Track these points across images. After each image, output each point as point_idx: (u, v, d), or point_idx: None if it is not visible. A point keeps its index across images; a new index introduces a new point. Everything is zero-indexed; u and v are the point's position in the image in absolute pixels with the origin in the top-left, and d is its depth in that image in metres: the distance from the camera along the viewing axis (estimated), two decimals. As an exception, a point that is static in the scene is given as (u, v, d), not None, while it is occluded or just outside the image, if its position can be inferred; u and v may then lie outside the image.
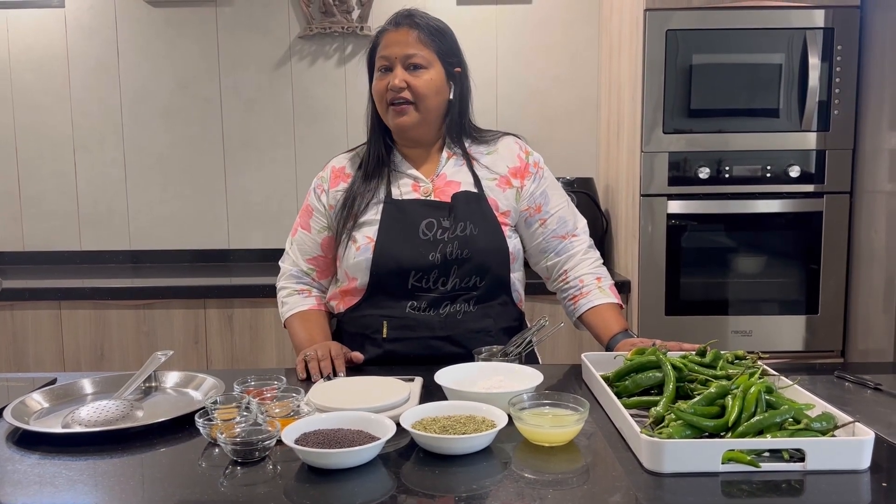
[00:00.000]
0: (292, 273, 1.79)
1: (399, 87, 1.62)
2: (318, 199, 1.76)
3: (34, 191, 3.28)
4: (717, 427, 1.13)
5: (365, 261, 1.64)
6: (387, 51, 1.64)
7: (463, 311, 1.65)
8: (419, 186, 1.69)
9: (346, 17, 3.16)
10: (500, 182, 1.70)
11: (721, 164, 2.62)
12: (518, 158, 1.74)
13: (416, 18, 1.66)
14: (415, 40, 1.64)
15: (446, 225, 1.64)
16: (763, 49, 2.58)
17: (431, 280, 1.63)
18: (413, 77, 1.63)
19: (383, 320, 1.64)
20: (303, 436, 1.14)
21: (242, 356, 2.80)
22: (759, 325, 2.67)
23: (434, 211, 1.65)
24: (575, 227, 1.77)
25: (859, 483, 1.05)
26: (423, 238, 1.63)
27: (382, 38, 1.67)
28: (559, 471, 1.10)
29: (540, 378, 1.37)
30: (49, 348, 2.79)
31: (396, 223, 1.65)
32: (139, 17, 3.20)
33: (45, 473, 1.11)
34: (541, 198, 1.73)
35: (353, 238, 1.66)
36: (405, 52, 1.63)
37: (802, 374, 1.55)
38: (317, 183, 1.78)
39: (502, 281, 1.69)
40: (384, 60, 1.65)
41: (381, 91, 1.65)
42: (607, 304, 1.71)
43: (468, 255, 1.62)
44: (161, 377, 1.52)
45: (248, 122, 3.26)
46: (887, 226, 2.45)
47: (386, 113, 1.67)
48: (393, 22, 1.66)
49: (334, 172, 1.76)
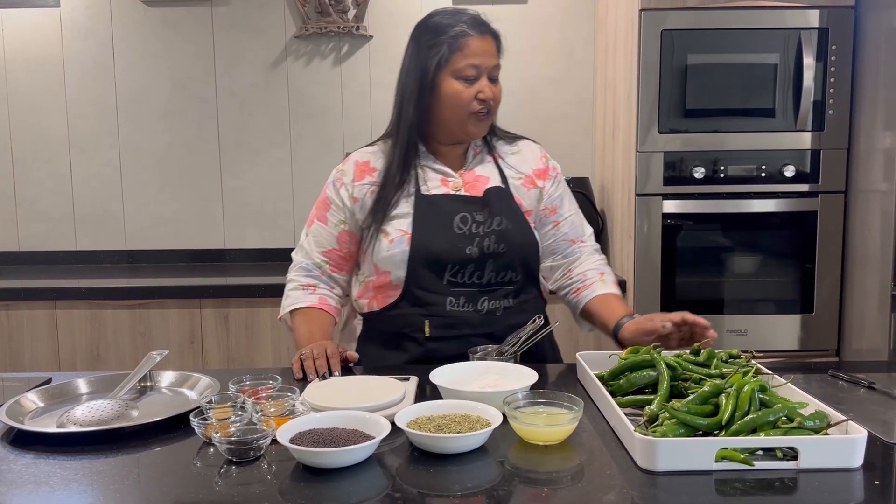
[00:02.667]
0: (303, 266, 1.78)
1: (491, 97, 1.64)
2: (336, 192, 1.75)
3: (30, 191, 3.28)
4: (710, 425, 1.14)
5: (400, 253, 1.63)
6: (477, 59, 1.62)
7: (503, 307, 1.66)
8: (448, 181, 1.70)
9: (341, 16, 3.16)
10: (524, 182, 1.74)
11: (716, 164, 2.63)
12: (541, 161, 1.79)
13: (493, 28, 1.68)
14: (496, 50, 1.67)
15: (480, 219, 1.65)
16: (758, 49, 2.58)
17: (467, 274, 1.64)
18: (494, 87, 1.66)
19: (425, 319, 1.64)
20: (298, 435, 1.14)
21: (238, 356, 2.80)
22: (754, 324, 2.67)
23: (466, 205, 1.66)
24: (583, 233, 1.82)
25: (852, 481, 1.06)
26: (459, 232, 1.64)
27: (467, 42, 1.62)
28: (554, 469, 1.10)
29: (534, 377, 1.37)
30: (44, 348, 2.79)
31: (430, 217, 1.65)
32: (135, 16, 3.20)
33: (40, 473, 1.11)
34: (557, 200, 1.78)
35: (385, 231, 1.65)
36: (493, 63, 1.65)
37: (797, 372, 1.55)
38: (336, 176, 1.77)
39: (533, 275, 1.73)
40: (474, 69, 1.62)
41: (468, 100, 1.63)
42: (611, 293, 1.74)
43: (504, 248, 1.65)
44: (156, 377, 1.52)
45: (244, 122, 3.26)
46: (882, 225, 2.45)
47: (466, 120, 1.65)
48: (478, 28, 1.65)
49: (358, 166, 1.74)
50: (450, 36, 1.62)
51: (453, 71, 1.62)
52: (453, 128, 1.67)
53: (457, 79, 1.63)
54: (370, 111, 3.25)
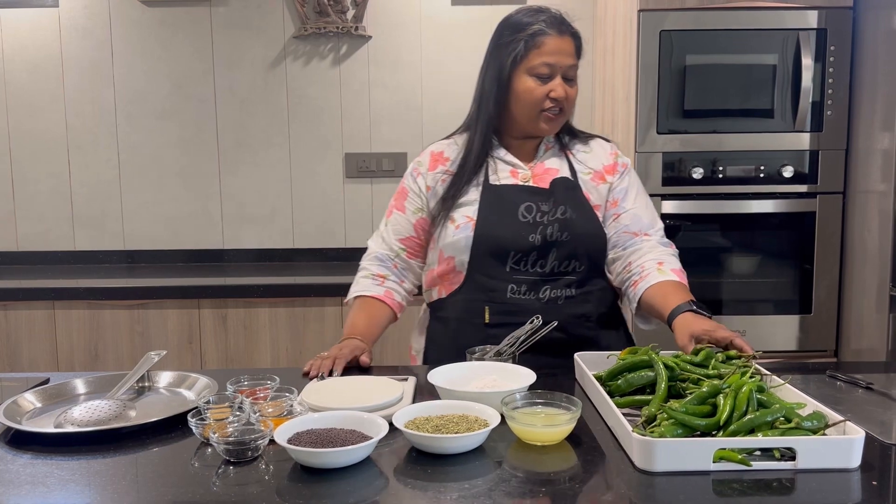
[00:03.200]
0: (377, 255, 1.79)
1: (564, 97, 1.66)
2: (414, 181, 1.78)
3: (28, 191, 3.27)
4: (708, 426, 1.14)
5: (464, 238, 1.67)
6: (552, 58, 1.64)
7: (564, 296, 1.67)
8: (518, 173, 1.73)
9: (340, 17, 3.16)
10: (594, 177, 1.75)
11: (715, 165, 2.63)
12: (610, 156, 1.80)
13: (573, 28, 1.70)
14: (574, 51, 1.69)
15: (545, 209, 1.67)
16: (757, 50, 2.59)
17: (530, 262, 1.65)
18: (569, 87, 1.68)
19: (485, 305, 1.66)
20: (295, 435, 1.14)
21: (236, 356, 2.79)
22: (752, 324, 2.67)
23: (532, 196, 1.69)
24: (651, 226, 1.76)
25: (850, 481, 1.06)
26: (523, 220, 1.66)
27: (544, 41, 1.65)
28: (551, 470, 1.10)
29: (532, 378, 1.37)
30: (43, 348, 2.79)
31: (495, 205, 1.68)
32: (133, 16, 3.20)
33: (38, 473, 1.11)
34: (620, 193, 1.76)
35: (452, 218, 1.69)
36: (569, 63, 1.67)
37: (795, 373, 1.55)
38: (413, 167, 1.81)
39: (598, 266, 1.73)
40: (547, 68, 1.65)
41: (540, 97, 1.65)
42: (667, 280, 1.63)
43: (567, 237, 1.66)
44: (154, 377, 1.52)
45: (243, 122, 3.26)
46: (880, 226, 2.45)
47: (536, 118, 1.68)
48: (557, 27, 1.66)
49: (433, 156, 1.79)
50: (527, 34, 1.66)
51: (528, 68, 1.66)
52: (524, 124, 1.70)
53: (531, 76, 1.66)
54: (369, 111, 3.25)
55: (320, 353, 1.58)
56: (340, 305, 2.77)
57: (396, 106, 3.25)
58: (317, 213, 3.30)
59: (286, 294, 2.77)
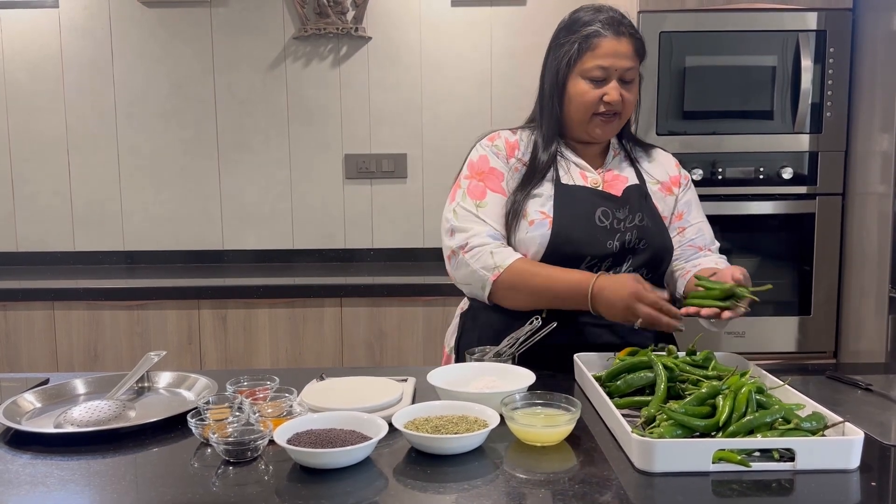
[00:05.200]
0: (490, 234, 1.62)
1: (618, 101, 1.60)
2: (505, 162, 1.67)
3: (28, 191, 3.28)
4: (707, 427, 1.14)
5: (541, 236, 1.59)
6: (607, 61, 1.59)
7: None
8: (587, 177, 1.68)
9: (340, 18, 3.16)
10: (661, 188, 1.72)
11: (715, 166, 2.63)
12: (675, 168, 1.77)
13: (632, 29, 1.63)
14: (632, 53, 1.62)
15: (620, 216, 1.63)
16: (756, 51, 2.59)
17: (604, 268, 1.59)
18: (625, 91, 1.62)
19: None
20: (295, 436, 1.14)
21: (236, 357, 2.79)
22: (752, 326, 2.68)
23: (606, 201, 1.64)
24: (713, 242, 1.77)
25: (849, 482, 1.06)
26: (601, 225, 1.61)
27: (600, 42, 1.59)
28: (551, 470, 1.10)
29: (532, 378, 1.38)
30: (42, 349, 2.79)
31: (571, 206, 1.62)
32: (133, 17, 3.20)
33: (37, 473, 1.11)
34: (685, 206, 1.74)
35: (525, 212, 1.61)
36: (625, 66, 1.60)
37: (794, 374, 1.56)
38: (494, 150, 1.69)
39: (661, 277, 1.70)
40: (602, 71, 1.59)
41: (592, 100, 1.61)
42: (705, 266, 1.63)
43: (645, 245, 1.62)
44: (154, 377, 1.52)
45: (243, 123, 3.26)
46: (879, 227, 2.46)
47: (588, 121, 1.63)
48: (613, 29, 1.60)
49: (508, 144, 1.70)
50: (582, 35, 1.61)
51: (582, 70, 1.61)
52: (577, 128, 1.66)
53: (584, 79, 1.61)
54: (369, 112, 3.25)
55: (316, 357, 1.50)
56: (340, 306, 2.77)
57: (396, 107, 3.25)
58: (316, 213, 3.30)
59: (286, 295, 2.77)
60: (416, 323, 2.78)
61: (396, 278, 2.91)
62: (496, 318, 1.66)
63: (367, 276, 2.96)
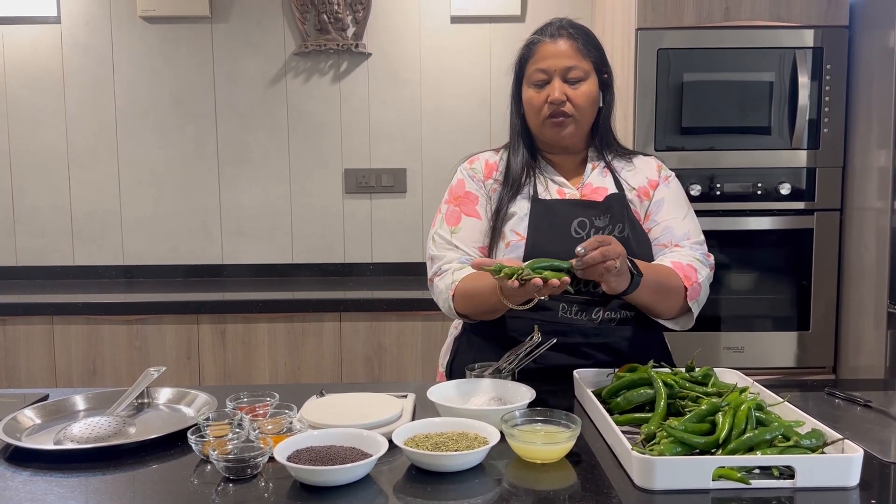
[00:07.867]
0: (462, 260, 1.65)
1: (560, 100, 1.61)
2: (481, 185, 1.71)
3: (28, 206, 3.28)
4: (707, 444, 1.14)
5: (515, 258, 1.59)
6: (545, 63, 1.63)
7: (619, 318, 1.60)
8: (565, 192, 1.68)
9: (341, 34, 3.18)
10: (637, 193, 1.70)
11: (712, 182, 2.64)
12: (655, 171, 1.75)
13: (573, 29, 1.66)
14: (574, 52, 1.63)
15: (600, 224, 1.62)
16: (754, 68, 2.60)
17: (583, 282, 1.55)
18: (572, 90, 1.63)
19: (534, 323, 1.55)
20: (295, 453, 1.14)
21: (235, 372, 2.79)
22: (750, 341, 2.68)
23: (585, 210, 1.63)
24: (684, 238, 1.67)
25: (848, 500, 1.06)
26: (576, 237, 1.59)
27: (537, 49, 1.64)
28: (551, 487, 1.10)
29: (532, 395, 1.38)
30: (41, 363, 2.78)
31: (545, 221, 1.62)
32: (135, 32, 3.22)
33: (37, 490, 1.11)
34: (655, 206, 1.71)
35: (503, 234, 1.64)
36: (564, 65, 1.62)
37: (793, 390, 1.56)
38: (470, 173, 1.73)
39: None
40: (542, 74, 1.63)
41: (538, 104, 1.64)
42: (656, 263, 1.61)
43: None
44: (153, 393, 1.52)
45: (243, 137, 3.27)
46: (877, 243, 2.46)
47: (542, 126, 1.66)
48: (548, 33, 1.65)
49: (488, 165, 1.73)
50: (524, 46, 1.68)
51: (527, 79, 1.67)
52: (538, 136, 1.70)
53: (531, 86, 1.66)
54: (369, 128, 3.27)
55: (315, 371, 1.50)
56: (339, 321, 2.77)
57: (396, 122, 3.27)
58: (316, 228, 3.31)
59: (285, 309, 2.77)
60: (415, 337, 2.78)
61: (396, 293, 2.91)
62: (486, 341, 1.67)
63: (366, 291, 2.96)
